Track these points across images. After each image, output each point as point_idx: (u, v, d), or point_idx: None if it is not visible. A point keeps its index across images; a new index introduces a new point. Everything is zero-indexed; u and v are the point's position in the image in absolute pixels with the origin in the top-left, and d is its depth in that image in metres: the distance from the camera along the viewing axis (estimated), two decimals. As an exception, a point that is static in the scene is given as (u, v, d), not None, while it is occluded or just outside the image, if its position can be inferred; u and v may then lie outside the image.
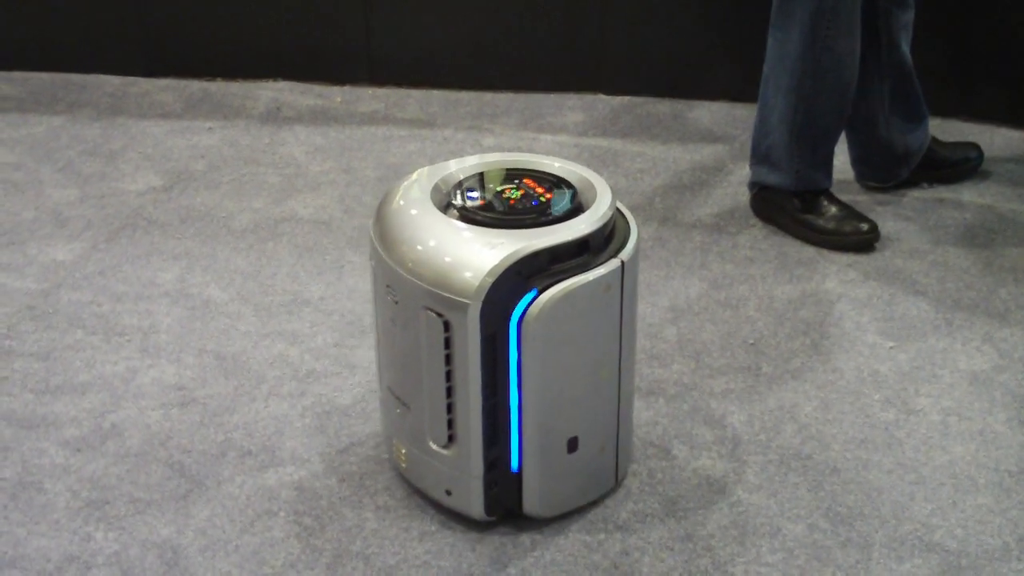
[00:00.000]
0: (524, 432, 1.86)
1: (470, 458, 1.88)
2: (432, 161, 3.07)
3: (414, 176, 1.96)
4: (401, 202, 1.89)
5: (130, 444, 2.13)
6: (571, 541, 1.92)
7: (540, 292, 1.77)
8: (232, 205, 2.90)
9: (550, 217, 1.82)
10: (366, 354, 2.35)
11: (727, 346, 2.37)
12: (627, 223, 1.90)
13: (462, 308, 1.75)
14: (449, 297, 1.76)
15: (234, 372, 2.31)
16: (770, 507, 1.98)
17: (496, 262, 1.74)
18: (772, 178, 2.72)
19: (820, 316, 2.46)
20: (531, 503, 1.92)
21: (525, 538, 1.93)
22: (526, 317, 1.77)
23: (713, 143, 3.17)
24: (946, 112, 3.18)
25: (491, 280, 1.74)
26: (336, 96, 3.46)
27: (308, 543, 1.91)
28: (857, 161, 2.93)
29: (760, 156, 2.73)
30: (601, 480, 2.00)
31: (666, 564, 1.87)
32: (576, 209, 1.85)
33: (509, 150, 3.14)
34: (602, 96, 3.43)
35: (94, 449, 2.12)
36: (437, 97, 3.44)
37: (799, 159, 2.69)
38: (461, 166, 1.96)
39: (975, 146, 3.01)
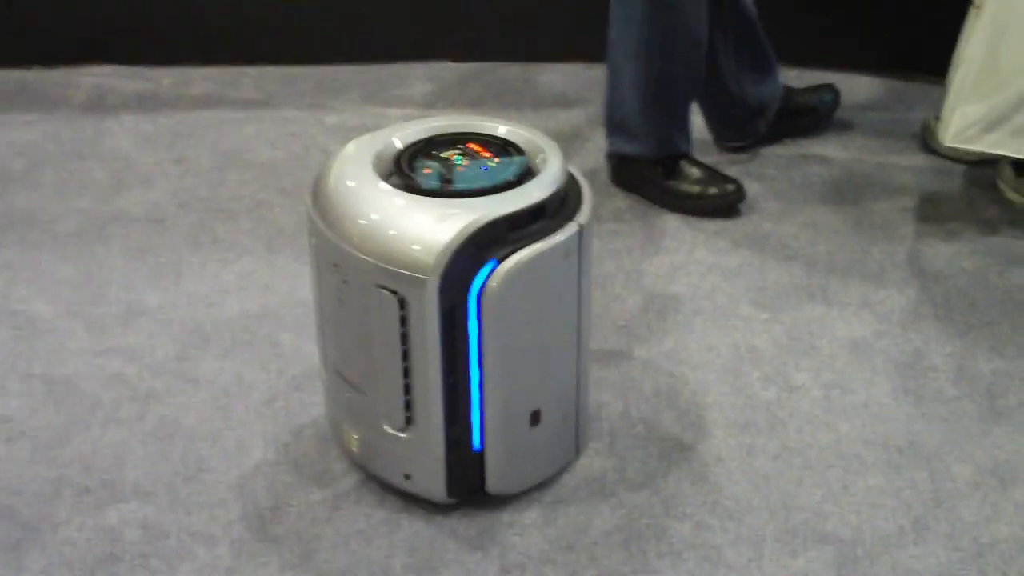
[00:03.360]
0: (486, 409, 1.79)
1: (430, 440, 1.79)
2: (273, 146, 2.90)
3: (351, 147, 1.83)
4: (342, 175, 1.77)
5: (-49, 489, 1.93)
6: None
7: (500, 262, 1.68)
8: (56, 207, 2.67)
9: (502, 184, 1.73)
10: (210, 366, 2.17)
11: (597, 330, 2.23)
12: (578, 186, 1.81)
13: (419, 284, 1.66)
14: (405, 273, 1.66)
15: (66, 398, 2.11)
16: (654, 506, 1.86)
17: (453, 234, 1.65)
18: (630, 148, 2.59)
19: (691, 290, 2.35)
20: (495, 481, 1.85)
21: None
22: (486, 289, 1.69)
23: (568, 108, 3.03)
24: (803, 62, 3.08)
25: (449, 252, 1.65)
26: (164, 78, 3.22)
27: (157, 589, 1.74)
28: (711, 122, 2.82)
29: (615, 126, 2.60)
30: (564, 451, 1.93)
31: (549, 580, 1.75)
32: (527, 174, 1.76)
33: (354, 128, 2.95)
34: (448, 63, 3.26)
35: (-89, 499, 1.91)
36: (273, 74, 3.23)
37: (655, 126, 2.56)
38: (400, 133, 1.84)
39: (830, 87, 2.93)
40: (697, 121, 2.74)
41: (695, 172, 2.60)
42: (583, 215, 1.77)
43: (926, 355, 2.16)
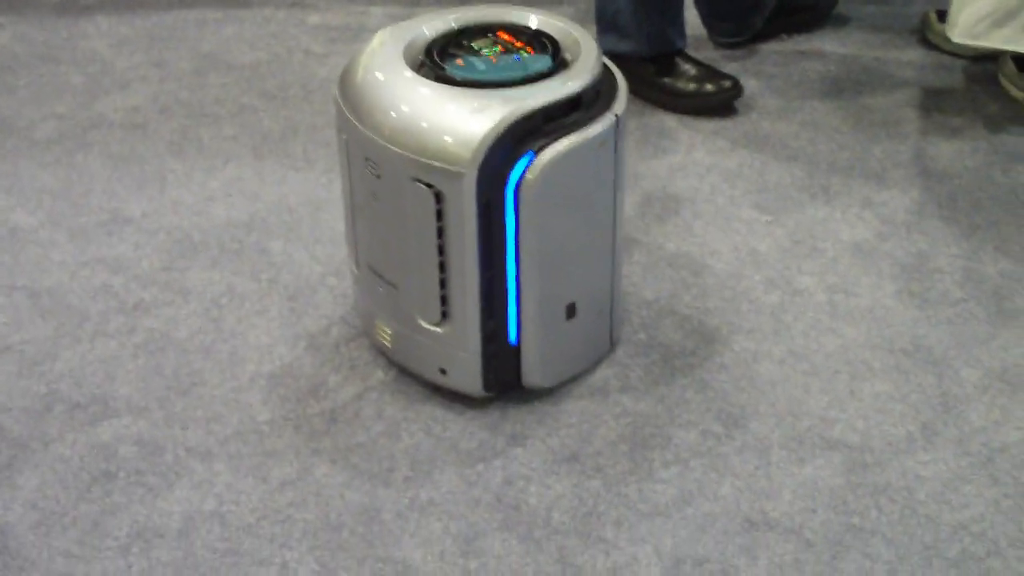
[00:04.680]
0: (522, 302, 1.77)
1: (466, 334, 1.77)
2: (254, 47, 2.81)
3: (378, 39, 1.77)
4: (371, 67, 1.73)
5: (-62, 407, 1.87)
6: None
7: (537, 154, 1.65)
8: (32, 112, 2.59)
9: (537, 74, 1.69)
10: (199, 276, 2.11)
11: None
12: (613, 76, 1.77)
13: (456, 177, 1.63)
14: (441, 167, 1.63)
15: (52, 311, 2.05)
16: (658, 415, 1.83)
17: (491, 125, 1.62)
18: (622, 46, 2.51)
19: (691, 192, 2.29)
20: (531, 374, 1.84)
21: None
22: (524, 181, 1.66)
23: (558, 4, 2.94)
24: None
25: (487, 145, 1.62)
26: (139, -22, 3.13)
27: (154, 507, 1.70)
28: (706, 17, 2.74)
29: (607, 23, 2.52)
30: (598, 345, 1.92)
31: (553, 491, 1.71)
32: (562, 63, 1.73)
33: (337, 27, 2.87)
34: (436, -40, 3.16)
35: None
36: (252, -28, 3.14)
37: (648, 22, 2.48)
38: (429, 24, 1.80)
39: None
40: (691, 17, 2.66)
41: (690, 69, 2.53)
42: (619, 105, 1.74)
43: (931, 257, 2.12)
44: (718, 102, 2.51)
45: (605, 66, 1.78)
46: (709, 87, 2.52)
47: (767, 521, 1.67)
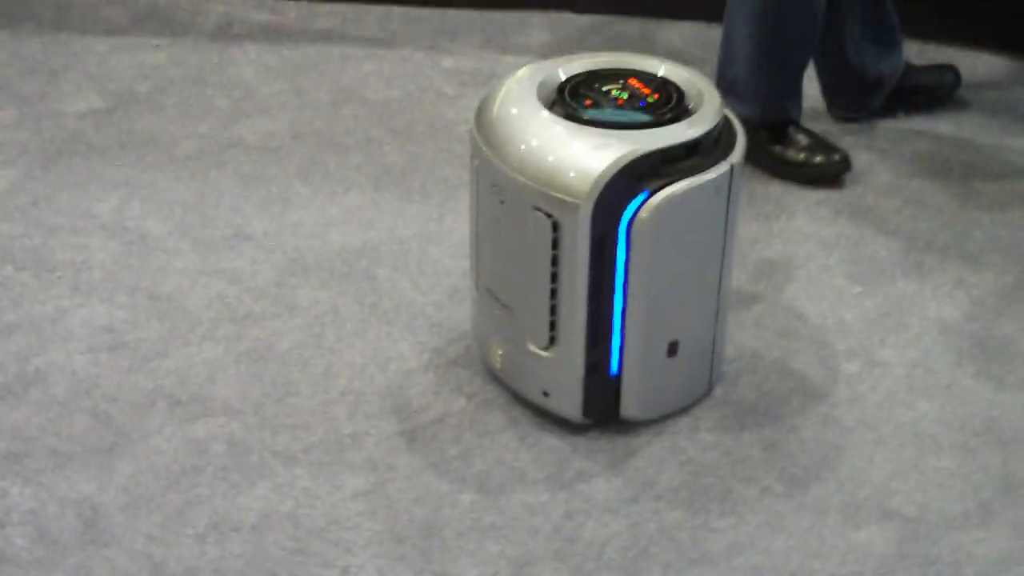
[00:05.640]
0: (626, 335, 1.86)
1: (571, 360, 1.87)
2: (389, 84, 2.95)
3: (517, 75, 1.91)
4: (507, 101, 1.86)
5: (55, 391, 2.02)
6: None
7: (651, 194, 1.75)
8: (177, 130, 2.76)
9: (659, 119, 1.79)
10: (308, 294, 2.24)
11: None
12: (732, 127, 1.87)
13: (573, 208, 1.74)
14: (560, 198, 1.75)
15: (168, 313, 2.20)
16: (722, 467, 1.89)
17: (609, 163, 1.73)
18: (738, 110, 2.58)
19: (786, 257, 2.35)
20: (629, 406, 1.93)
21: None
22: (637, 219, 1.76)
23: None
24: (924, 35, 3.03)
25: (604, 180, 1.73)
26: (290, 12, 3.29)
27: (234, 502, 1.82)
28: (827, 90, 2.79)
29: (725, 87, 2.59)
30: (697, 385, 2.00)
31: (609, 529, 1.78)
32: (684, 111, 1.83)
33: (469, 72, 2.99)
34: (568, 14, 3.27)
35: (16, 397, 2.01)
36: (397, 14, 3.28)
37: (765, 89, 2.55)
38: (565, 66, 1.92)
39: (951, 68, 2.87)
40: (812, 88, 2.72)
41: (802, 139, 2.59)
42: (736, 155, 1.82)
43: (1016, 341, 2.14)
44: (826, 174, 2.56)
45: (726, 117, 1.87)
46: (819, 159, 2.57)
47: (813, 579, 1.72)
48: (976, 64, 2.99)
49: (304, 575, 1.72)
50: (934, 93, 2.84)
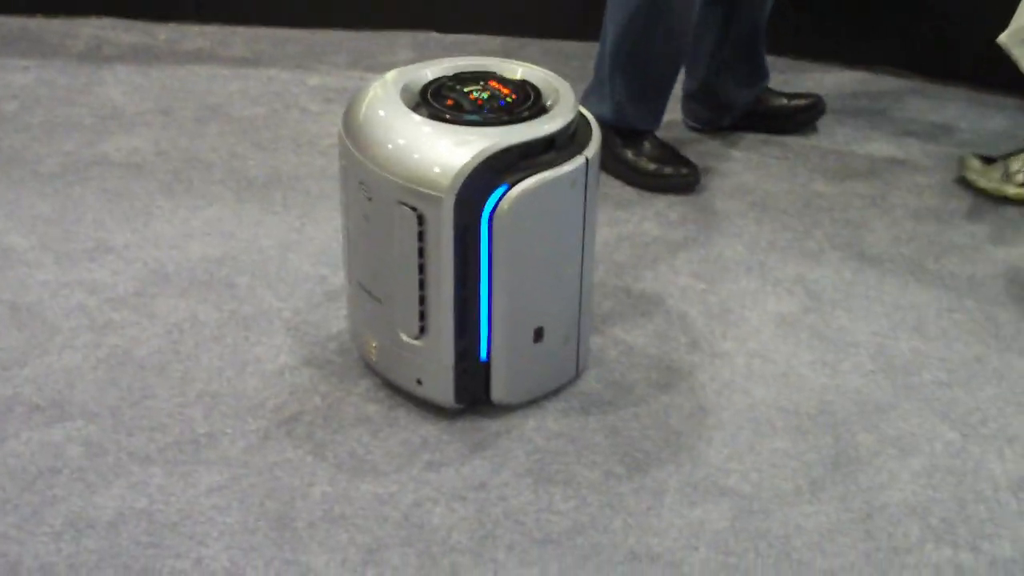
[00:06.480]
0: (493, 322, 1.95)
1: (441, 348, 1.95)
2: (255, 102, 3.00)
3: (383, 79, 1.99)
4: (373, 104, 1.94)
5: (-89, 401, 2.04)
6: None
7: (511, 186, 1.84)
8: (41, 148, 2.79)
9: (517, 116, 1.89)
10: (167, 303, 2.28)
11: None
12: (589, 123, 1.97)
13: (437, 202, 1.83)
14: (424, 192, 1.83)
15: (28, 323, 2.22)
16: (567, 454, 1.96)
17: (470, 157, 1.81)
18: (595, 108, 2.65)
19: (634, 259, 2.44)
20: (499, 391, 2.01)
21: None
22: (497, 210, 1.85)
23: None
24: (778, 50, 3.15)
25: (465, 174, 1.81)
26: (160, 33, 3.34)
27: (90, 501, 1.85)
28: (685, 98, 2.89)
29: (593, 85, 2.68)
30: (565, 369, 2.08)
31: (457, 515, 1.84)
32: (541, 109, 1.92)
33: (335, 89, 3.06)
34: (434, 34, 3.36)
35: None
36: (265, 35, 3.34)
37: (620, 93, 2.63)
38: (429, 69, 2.01)
39: (815, 99, 2.92)
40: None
41: (653, 150, 2.68)
42: (591, 149, 1.92)
43: (850, 332, 2.25)
44: (674, 186, 2.66)
45: (581, 114, 1.97)
46: (668, 170, 2.66)
47: (650, 554, 1.79)
48: (824, 78, 3.13)
49: (158, 567, 1.75)
50: (790, 120, 2.91)
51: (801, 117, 2.91)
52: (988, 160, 2.68)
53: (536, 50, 3.26)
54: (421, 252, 1.89)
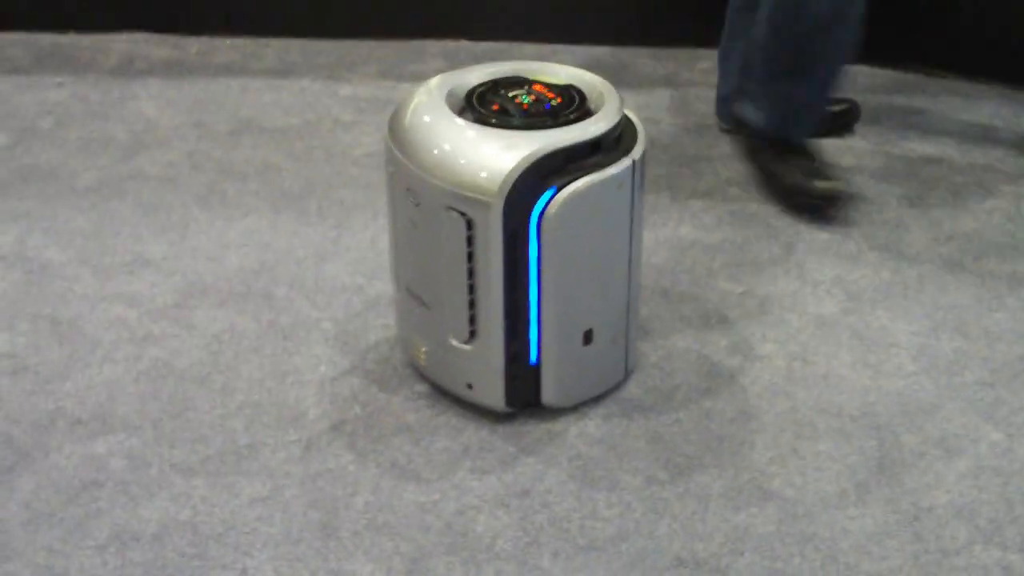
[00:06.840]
0: (543, 325, 1.95)
1: (491, 352, 1.96)
2: (288, 113, 3.01)
3: (427, 85, 2.00)
4: (418, 110, 1.94)
5: (-45, 416, 2.05)
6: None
7: (558, 190, 1.84)
8: (77, 163, 2.80)
9: (563, 119, 1.89)
10: (206, 314, 2.28)
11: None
12: (634, 126, 1.97)
13: (485, 206, 1.83)
14: (473, 197, 1.84)
15: (68, 338, 2.23)
16: (609, 460, 1.96)
17: (517, 161, 1.82)
18: (747, 114, 2.66)
19: (672, 263, 2.43)
20: (549, 394, 2.02)
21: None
22: (546, 214, 1.85)
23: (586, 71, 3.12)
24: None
25: (513, 178, 1.82)
26: (191, 47, 3.35)
27: (134, 513, 1.86)
28: (720, 100, 2.89)
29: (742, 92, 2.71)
30: (614, 371, 2.09)
31: (500, 522, 1.84)
32: (586, 112, 1.92)
33: (366, 99, 3.07)
34: (465, 42, 3.36)
35: (-84, 422, 2.04)
36: (296, 46, 3.35)
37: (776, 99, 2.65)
38: (473, 74, 2.01)
39: (850, 103, 2.91)
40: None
41: (803, 161, 2.63)
42: (637, 151, 1.92)
43: (891, 332, 2.24)
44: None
45: (626, 116, 1.97)
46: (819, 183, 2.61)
47: (696, 560, 1.78)
48: (856, 78, 3.11)
49: (203, 579, 1.76)
50: (825, 125, 2.83)
51: (837, 123, 2.89)
52: None
53: (568, 57, 3.25)
54: (470, 257, 1.89)
